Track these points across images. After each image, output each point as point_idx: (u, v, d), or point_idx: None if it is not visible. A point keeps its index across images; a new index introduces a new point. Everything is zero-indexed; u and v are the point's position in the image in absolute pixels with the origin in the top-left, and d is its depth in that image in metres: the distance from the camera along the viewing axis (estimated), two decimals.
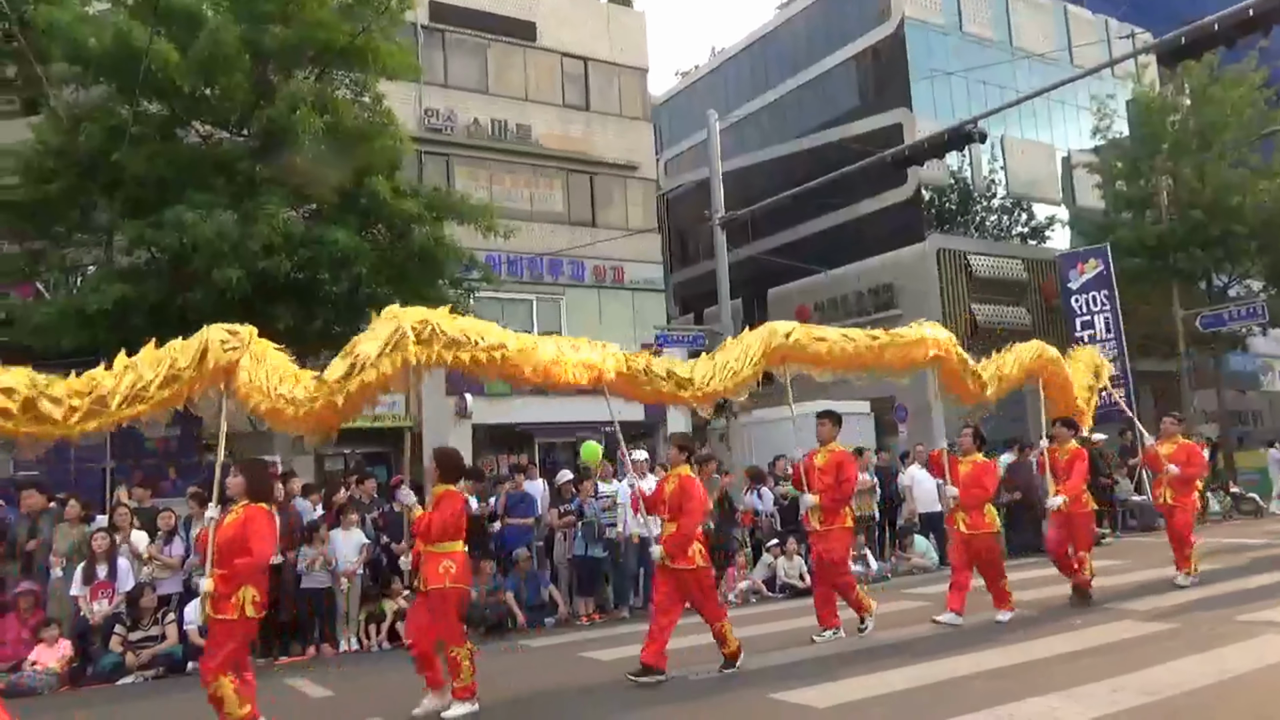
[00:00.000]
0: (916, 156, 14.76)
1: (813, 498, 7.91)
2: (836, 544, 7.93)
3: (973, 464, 8.58)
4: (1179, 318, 22.59)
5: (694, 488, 6.91)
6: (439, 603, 5.99)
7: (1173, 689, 5.60)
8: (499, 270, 18.00)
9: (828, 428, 8.28)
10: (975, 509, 8.40)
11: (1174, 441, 10.13)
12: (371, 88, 13.60)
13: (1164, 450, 10.01)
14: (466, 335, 6.28)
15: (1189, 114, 23.87)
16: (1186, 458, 9.89)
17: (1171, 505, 9.90)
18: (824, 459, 8.12)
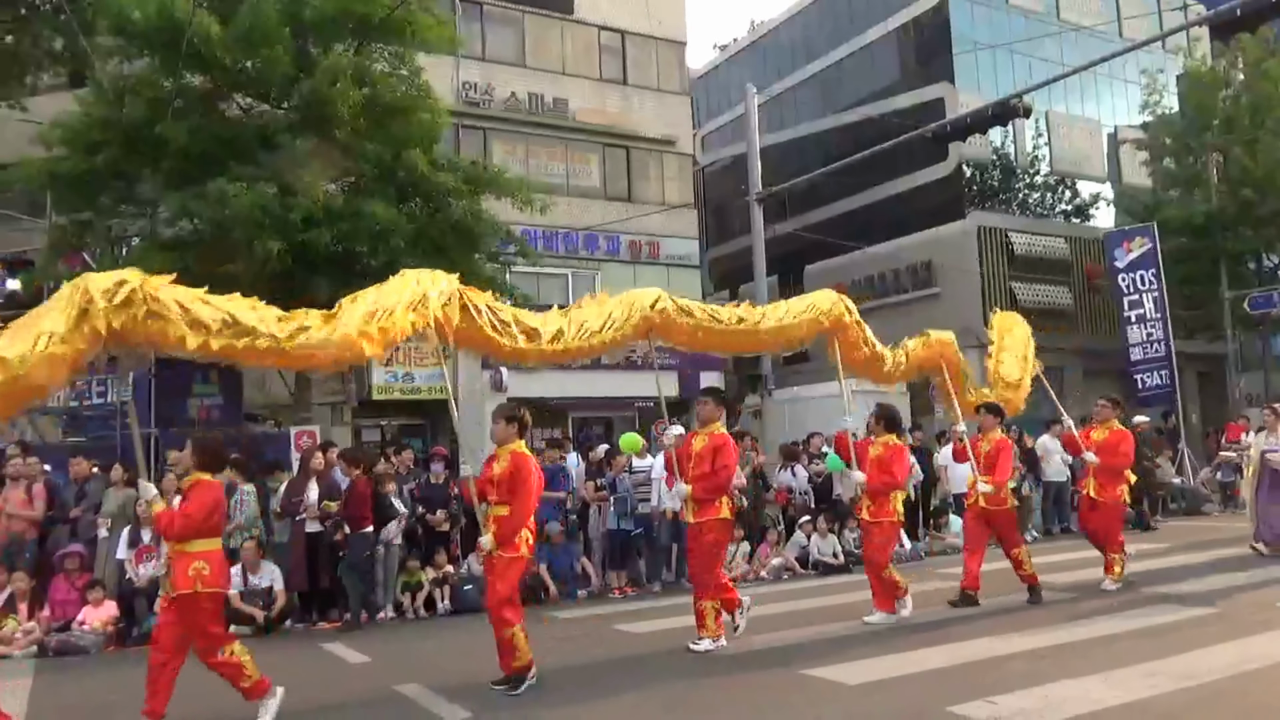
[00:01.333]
0: (958, 131, 14.56)
1: (685, 487, 6.95)
2: (713, 536, 6.97)
3: (884, 446, 7.82)
4: (1226, 299, 22.09)
5: (528, 467, 5.99)
6: (189, 611, 5.20)
7: (1211, 674, 5.53)
8: (535, 244, 18.02)
9: (709, 407, 7.23)
10: (880, 496, 7.73)
11: (1107, 427, 9.14)
12: (410, 61, 13.63)
13: (1096, 435, 9.12)
14: None
15: (1242, 89, 23.23)
16: (1115, 446, 8.92)
17: (1094, 499, 8.99)
18: (702, 443, 7.07)
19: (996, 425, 8.75)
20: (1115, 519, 9.08)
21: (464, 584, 9.65)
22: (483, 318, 6.32)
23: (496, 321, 6.39)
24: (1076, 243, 25.89)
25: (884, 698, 5.44)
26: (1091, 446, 9.01)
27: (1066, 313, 25.33)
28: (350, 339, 5.62)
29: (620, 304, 7.03)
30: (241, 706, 5.34)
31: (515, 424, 6.16)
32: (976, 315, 23.82)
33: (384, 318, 5.76)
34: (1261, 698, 5.10)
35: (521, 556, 6.01)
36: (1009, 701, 5.10)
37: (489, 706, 5.61)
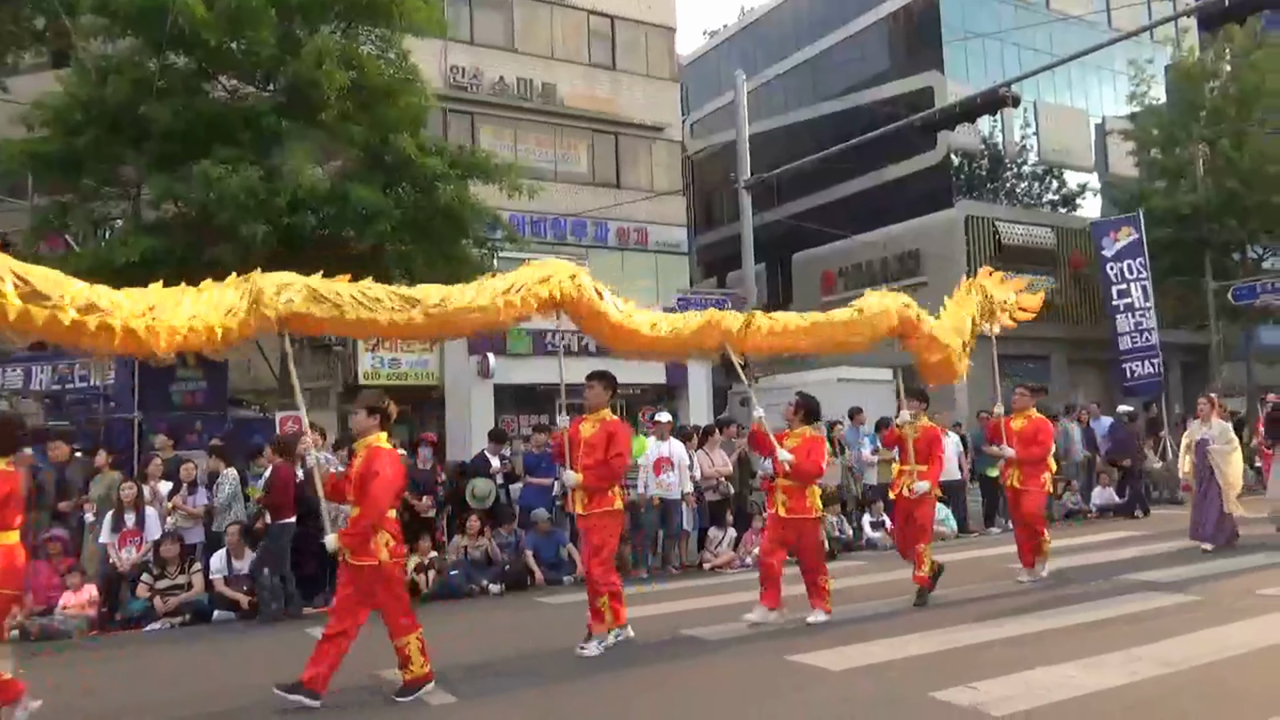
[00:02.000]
0: (947, 121, 14.53)
1: (574, 476, 6.54)
2: (601, 529, 6.57)
3: (801, 438, 7.40)
4: (1211, 290, 22.22)
5: (383, 464, 5.43)
6: None
7: (1190, 661, 5.59)
8: (523, 230, 17.96)
9: (597, 391, 6.74)
10: (797, 491, 7.29)
11: (1025, 416, 9.01)
12: (397, 43, 13.52)
13: (1015, 425, 8.93)
14: None
15: (1229, 81, 23.32)
16: (1033, 435, 8.78)
17: (1018, 489, 8.76)
18: (592, 429, 6.63)
19: (922, 410, 8.34)
20: (1039, 506, 8.88)
21: (449, 569, 9.64)
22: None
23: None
24: (1063, 232, 25.99)
25: (868, 683, 5.47)
26: (1011, 436, 8.82)
27: (1052, 302, 25.42)
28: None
29: None
30: None
31: (377, 415, 5.64)
32: None
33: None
34: (1239, 684, 5.16)
35: (381, 564, 5.38)
36: (991, 687, 5.14)
37: (473, 691, 5.61)
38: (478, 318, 6.26)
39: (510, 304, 6.30)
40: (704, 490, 11.20)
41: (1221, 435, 10.38)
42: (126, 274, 11.38)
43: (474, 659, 6.02)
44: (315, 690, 5.28)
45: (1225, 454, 10.27)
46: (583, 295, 6.60)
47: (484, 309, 6.21)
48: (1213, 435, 10.39)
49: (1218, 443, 10.30)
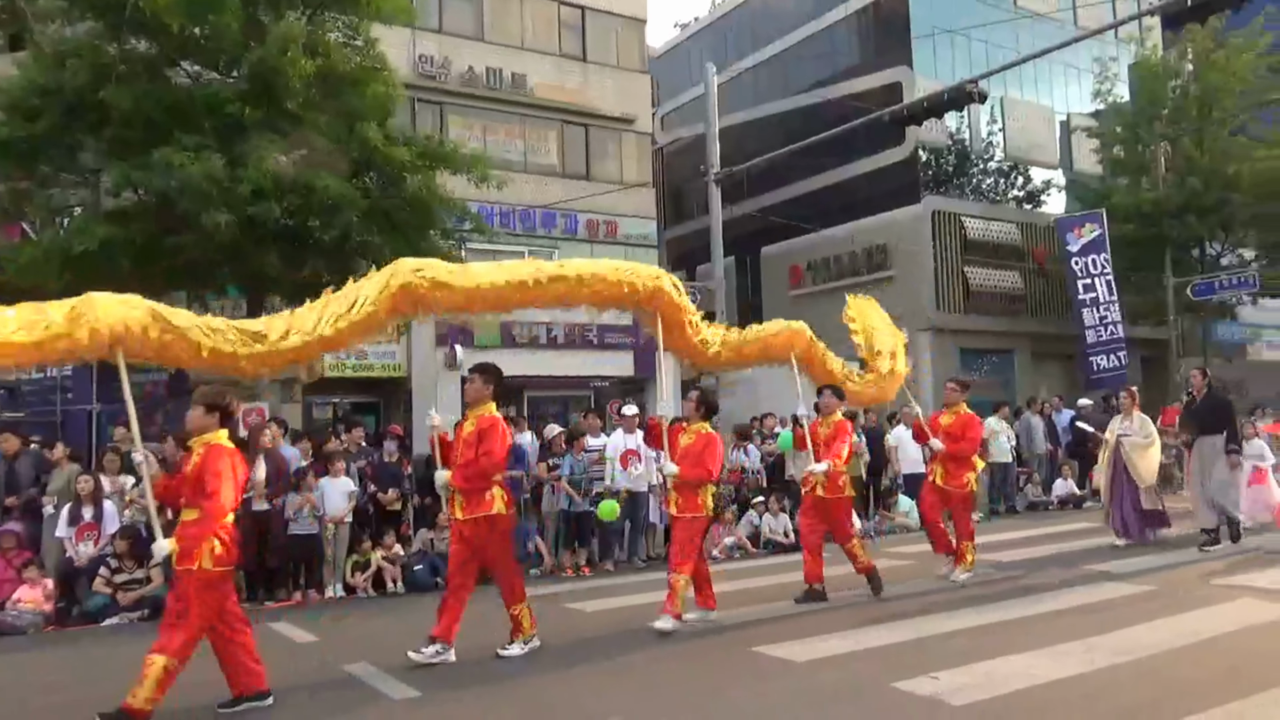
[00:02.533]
0: (915, 116, 14.65)
1: (443, 475, 6.13)
2: (490, 533, 6.13)
3: (696, 435, 7.09)
4: (1170, 285, 22.62)
5: (219, 464, 5.01)
6: None
7: (1147, 649, 5.70)
8: (492, 222, 17.82)
9: (476, 385, 6.32)
10: (688, 490, 6.98)
11: (954, 411, 8.81)
12: (364, 31, 13.34)
13: (944, 420, 8.79)
14: None
15: (1191, 80, 23.71)
16: (962, 431, 8.61)
17: (944, 487, 8.62)
18: (470, 426, 6.18)
19: (838, 408, 8.23)
20: (966, 507, 8.73)
21: (414, 563, 9.59)
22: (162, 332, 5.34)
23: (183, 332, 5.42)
24: (1028, 228, 26.32)
25: (831, 674, 5.52)
26: (939, 432, 8.69)
27: (1017, 296, 25.78)
28: None
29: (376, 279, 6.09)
30: None
31: (216, 413, 5.23)
32: (930, 298, 24.20)
33: None
34: (1192, 672, 5.27)
35: (207, 571, 4.91)
36: (951, 677, 5.21)
37: (438, 685, 5.59)
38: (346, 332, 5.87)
39: (340, 330, 5.81)
40: None
41: (1141, 429, 10.34)
42: (85, 262, 11.20)
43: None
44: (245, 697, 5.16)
45: (1141, 448, 10.23)
46: (438, 286, 6.07)
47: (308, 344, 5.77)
48: (1132, 429, 10.36)
49: (1136, 436, 10.28)
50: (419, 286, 6.00)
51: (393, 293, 5.96)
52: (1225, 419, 9.94)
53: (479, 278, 6.30)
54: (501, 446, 6.15)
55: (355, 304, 5.91)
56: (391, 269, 6.11)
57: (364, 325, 5.94)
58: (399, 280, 5.98)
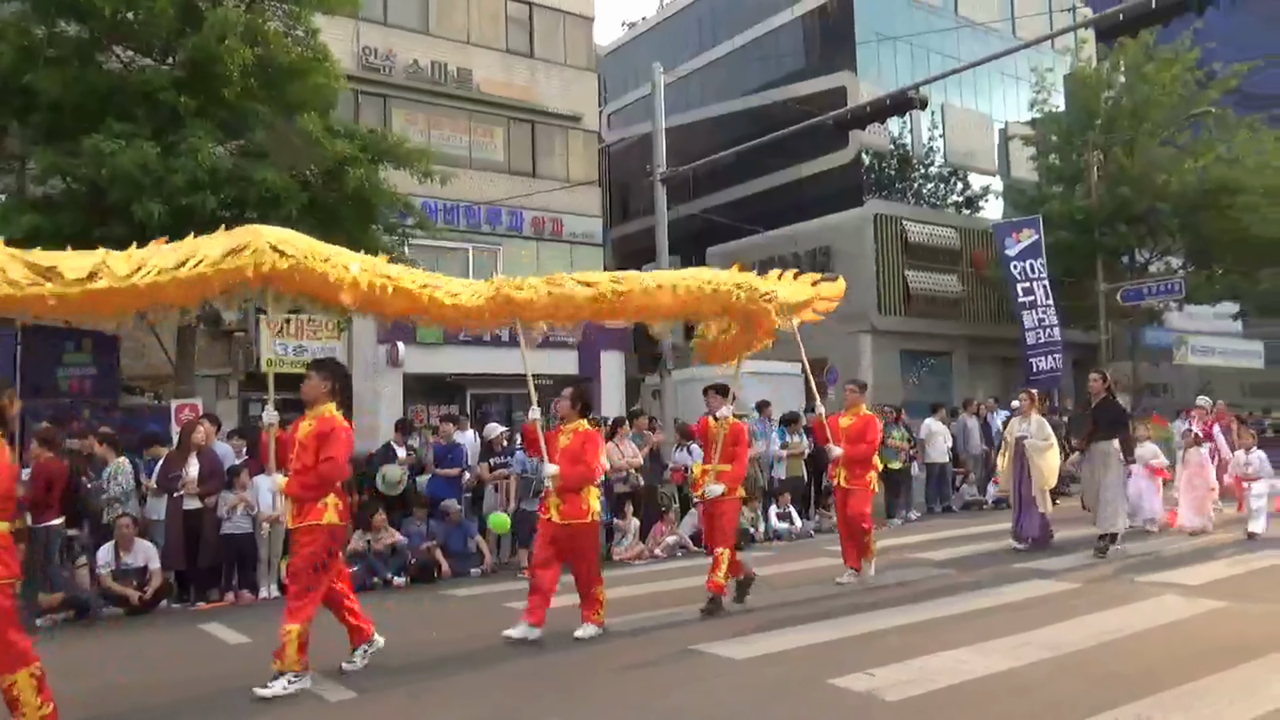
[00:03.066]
0: (859, 120, 14.85)
1: (278, 480, 5.67)
2: (304, 546, 5.54)
3: (574, 433, 6.67)
4: (1101, 291, 23.27)
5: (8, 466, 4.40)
6: None
7: (1074, 645, 5.86)
8: (435, 217, 17.66)
9: (313, 383, 5.75)
10: (571, 494, 6.53)
11: (854, 412, 8.77)
12: (306, 21, 13.09)
13: (844, 422, 8.67)
14: None
15: (1123, 91, 24.40)
16: (861, 432, 8.52)
17: (846, 488, 8.53)
18: (308, 427, 5.62)
19: (723, 406, 7.67)
20: (866, 504, 8.58)
21: (351, 564, 9.41)
22: None
23: None
24: (966, 233, 26.88)
25: (770, 671, 5.56)
26: (839, 433, 8.57)
27: (956, 300, 26.31)
28: None
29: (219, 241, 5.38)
30: None
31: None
32: (871, 301, 24.58)
33: None
34: (1117, 666, 5.43)
35: None
36: (886, 673, 5.30)
37: (373, 687, 5.51)
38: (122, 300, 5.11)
39: (160, 284, 5.12)
40: (613, 482, 11.22)
41: (1039, 431, 10.20)
42: None
43: (376, 654, 5.91)
44: None
45: (1040, 450, 10.10)
46: (299, 267, 5.41)
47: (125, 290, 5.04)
48: (1030, 431, 10.24)
49: (1035, 439, 10.14)
50: (270, 264, 5.24)
51: (239, 262, 5.19)
52: (1119, 425, 9.92)
53: (345, 269, 5.64)
54: (344, 451, 5.59)
55: (187, 261, 5.19)
56: (247, 235, 5.34)
57: (188, 286, 5.22)
58: (250, 250, 5.20)
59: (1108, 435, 9.78)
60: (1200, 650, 5.69)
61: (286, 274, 5.37)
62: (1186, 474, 11.35)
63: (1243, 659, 5.42)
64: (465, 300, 6.41)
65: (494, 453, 10.98)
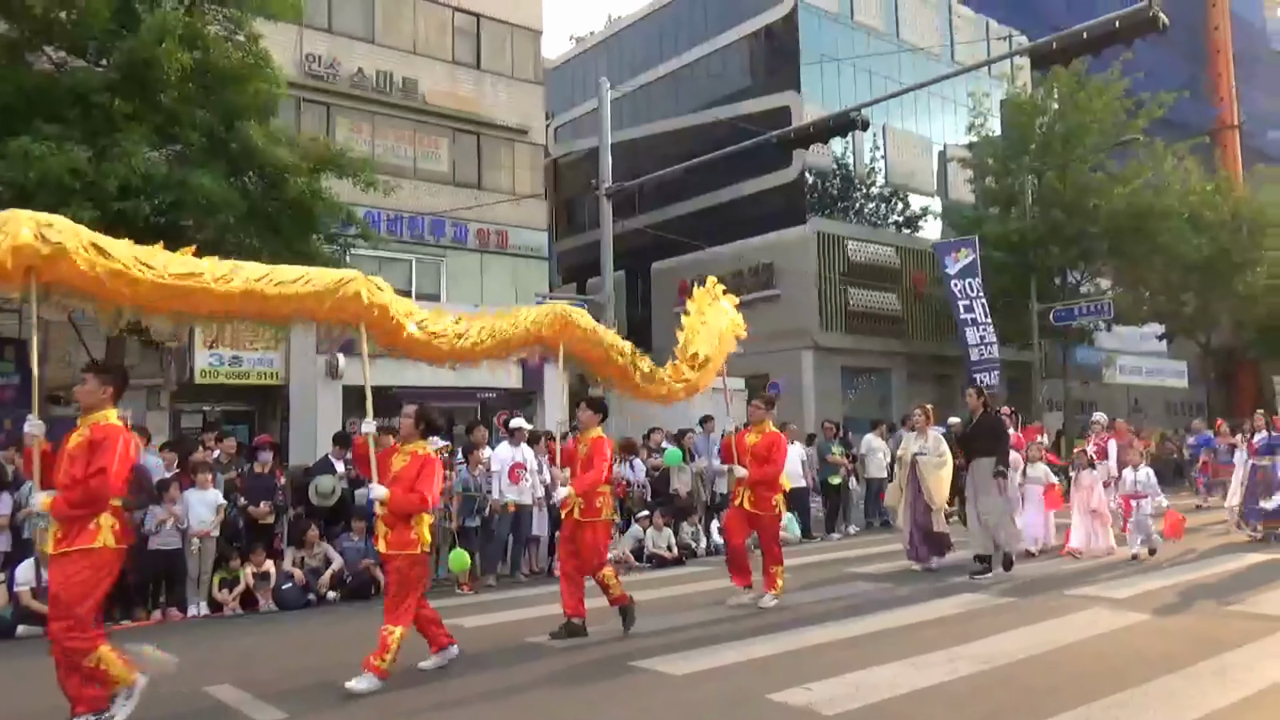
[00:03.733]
0: (802, 140, 15.07)
1: (41, 498, 4.79)
2: (69, 576, 4.78)
3: (411, 455, 6.06)
4: (1034, 311, 23.90)
5: None
6: None
7: (1005, 658, 5.98)
8: (378, 228, 17.44)
9: (89, 388, 5.12)
10: (400, 522, 5.93)
11: (760, 430, 8.32)
12: (247, 26, 12.87)
13: (750, 440, 8.25)
14: None
15: (1056, 118, 25.17)
16: (768, 451, 8.12)
17: (753, 512, 8.14)
18: (80, 437, 4.97)
19: (595, 422, 7.38)
20: (774, 531, 8.35)
21: (283, 581, 9.22)
22: None
23: None
24: (906, 252, 27.42)
25: (708, 687, 5.57)
26: (745, 452, 8.16)
27: (895, 318, 26.79)
28: None
29: None
30: None
31: None
32: (813, 318, 24.91)
33: None
34: (1046, 678, 5.55)
35: None
36: (824, 688, 5.34)
37: (305, 708, 5.39)
38: None
39: None
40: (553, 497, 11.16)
41: (934, 448, 9.94)
42: None
43: (308, 674, 5.79)
44: None
45: (934, 467, 9.84)
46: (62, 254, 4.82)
47: None
48: (927, 448, 9.97)
49: (931, 455, 9.87)
50: (36, 250, 4.69)
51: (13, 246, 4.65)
52: (996, 441, 9.58)
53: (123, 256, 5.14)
54: (122, 464, 4.90)
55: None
56: (7, 217, 4.78)
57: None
58: (16, 235, 4.65)
59: (987, 452, 9.48)
60: (1126, 662, 5.85)
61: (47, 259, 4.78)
62: (1078, 496, 11.07)
63: (1166, 670, 5.59)
64: None
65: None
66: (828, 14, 27.19)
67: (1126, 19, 10.95)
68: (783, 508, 8.56)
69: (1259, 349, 33.44)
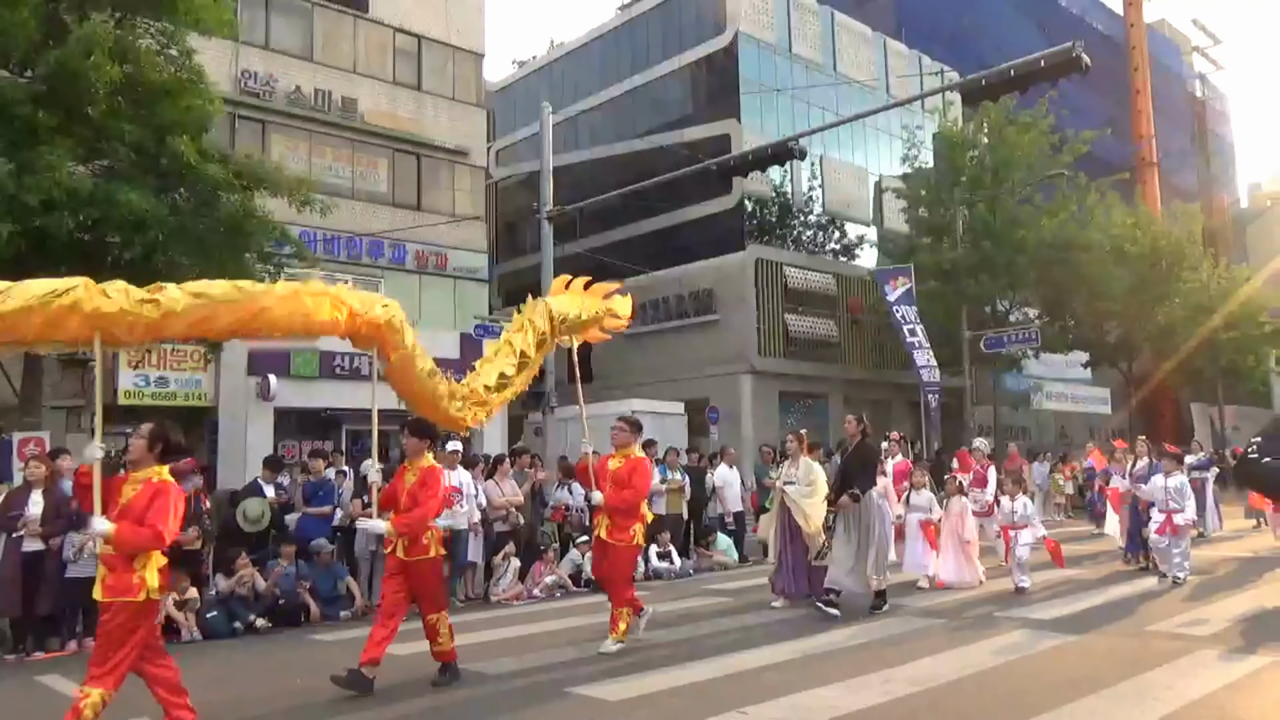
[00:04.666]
0: (741, 168, 15.28)
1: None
2: None
3: (143, 484, 5.00)
4: (966, 338, 24.49)
5: None
6: None
7: (937, 679, 6.06)
8: (315, 248, 17.19)
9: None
10: (122, 562, 4.96)
11: (624, 454, 7.54)
12: (181, 40, 12.62)
13: (612, 465, 7.53)
14: None
15: (985, 151, 25.98)
16: (629, 476, 7.36)
17: (607, 542, 7.29)
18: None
19: (423, 449, 6.59)
20: (625, 565, 7.53)
21: (209, 609, 8.93)
22: None
23: None
24: (843, 279, 27.91)
25: (645, 713, 5.54)
26: (604, 478, 7.39)
27: (832, 344, 27.21)
28: None
29: None
30: None
31: None
32: (752, 343, 25.17)
33: None
34: (978, 699, 5.64)
35: None
36: (760, 711, 5.35)
37: None
38: None
39: None
40: (493, 521, 11.05)
41: (803, 476, 9.10)
42: None
43: (228, 705, 5.60)
44: None
45: (804, 497, 9.00)
46: None
47: None
48: (797, 476, 9.13)
49: (800, 484, 9.06)
50: None
51: None
52: (865, 472, 9.01)
53: None
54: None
55: None
56: None
57: None
58: None
59: (862, 484, 8.83)
60: (1053, 682, 5.97)
61: None
62: (948, 525, 10.49)
63: (1090, 690, 5.72)
64: None
65: (369, 491, 10.61)
66: (767, 45, 27.72)
67: (1052, 59, 11.38)
68: (641, 539, 7.58)
69: (1177, 378, 34.65)
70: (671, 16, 29.45)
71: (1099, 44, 36.09)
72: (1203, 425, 39.42)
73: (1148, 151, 45.91)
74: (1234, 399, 40.74)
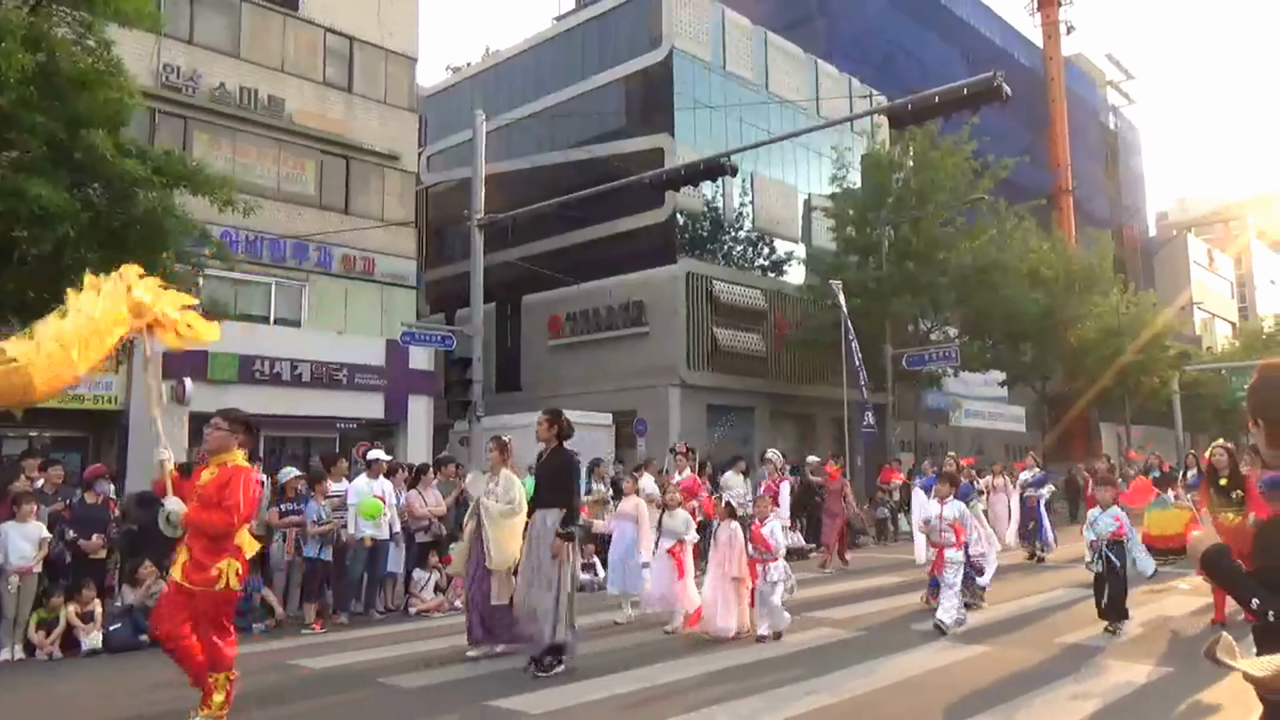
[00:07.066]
0: (673, 182, 15.38)
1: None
2: None
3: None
4: (889, 355, 25.02)
5: None
6: None
7: (857, 690, 6.17)
8: (237, 248, 16.72)
9: None
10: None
11: (219, 462, 5.54)
12: (99, 31, 12.19)
13: (203, 476, 5.68)
14: None
15: (910, 174, 26.63)
16: (218, 492, 5.37)
17: (184, 585, 5.27)
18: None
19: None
20: (215, 614, 5.39)
21: (112, 621, 8.57)
22: None
23: None
24: (771, 295, 28.27)
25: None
26: (191, 494, 5.44)
27: (759, 358, 27.51)
28: None
29: None
30: None
31: None
32: (681, 356, 25.30)
33: None
34: (893, 708, 5.76)
35: None
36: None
37: None
38: None
39: None
40: (414, 531, 10.87)
41: (504, 492, 7.63)
42: None
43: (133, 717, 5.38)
44: None
45: (502, 517, 7.48)
46: None
47: None
48: (495, 491, 7.66)
49: (500, 502, 7.56)
50: None
51: None
52: (563, 487, 7.20)
53: None
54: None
55: None
56: None
57: None
58: None
59: (550, 502, 7.11)
60: (968, 692, 6.12)
61: None
62: (715, 556, 8.54)
63: (1000, 700, 5.88)
64: None
65: (286, 498, 10.35)
66: (701, 62, 28.00)
67: (974, 87, 11.74)
68: (234, 582, 5.37)
69: (1088, 398, 35.91)
70: (608, 29, 29.55)
71: (1020, 75, 37.37)
72: (1111, 443, 40.99)
73: (1064, 179, 47.70)
74: (1140, 419, 42.46)
